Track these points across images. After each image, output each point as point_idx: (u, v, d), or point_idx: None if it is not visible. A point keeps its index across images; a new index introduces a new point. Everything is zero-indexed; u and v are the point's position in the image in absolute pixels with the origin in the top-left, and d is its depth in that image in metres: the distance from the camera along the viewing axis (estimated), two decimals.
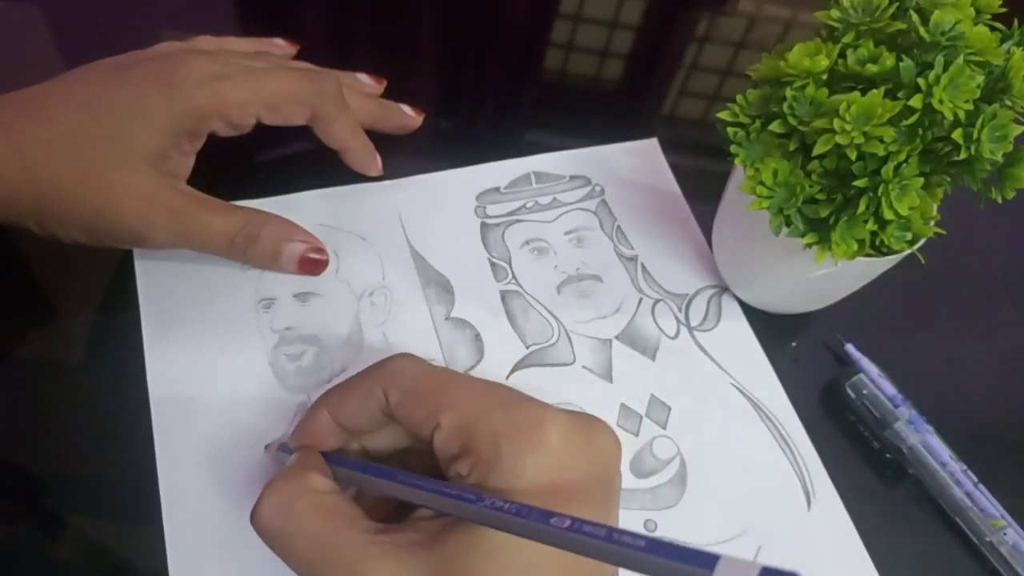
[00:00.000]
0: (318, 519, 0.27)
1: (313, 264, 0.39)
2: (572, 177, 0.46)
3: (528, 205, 0.45)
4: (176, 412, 0.36)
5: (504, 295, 0.41)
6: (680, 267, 0.43)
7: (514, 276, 0.42)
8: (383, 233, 0.43)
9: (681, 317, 0.42)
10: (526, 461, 0.25)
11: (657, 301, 0.42)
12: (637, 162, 0.48)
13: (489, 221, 0.44)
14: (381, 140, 0.43)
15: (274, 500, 0.27)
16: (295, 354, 0.38)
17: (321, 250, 0.40)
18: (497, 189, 0.45)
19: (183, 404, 0.36)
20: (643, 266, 0.43)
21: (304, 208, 0.42)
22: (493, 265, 0.42)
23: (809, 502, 0.37)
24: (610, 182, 0.46)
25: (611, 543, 0.20)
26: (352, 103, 0.41)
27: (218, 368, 0.37)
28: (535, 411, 0.27)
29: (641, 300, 0.42)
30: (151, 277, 0.39)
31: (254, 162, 0.45)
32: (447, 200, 0.44)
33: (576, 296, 0.42)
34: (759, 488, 0.37)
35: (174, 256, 0.39)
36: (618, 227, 0.45)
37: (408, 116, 0.46)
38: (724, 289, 0.43)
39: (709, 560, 0.17)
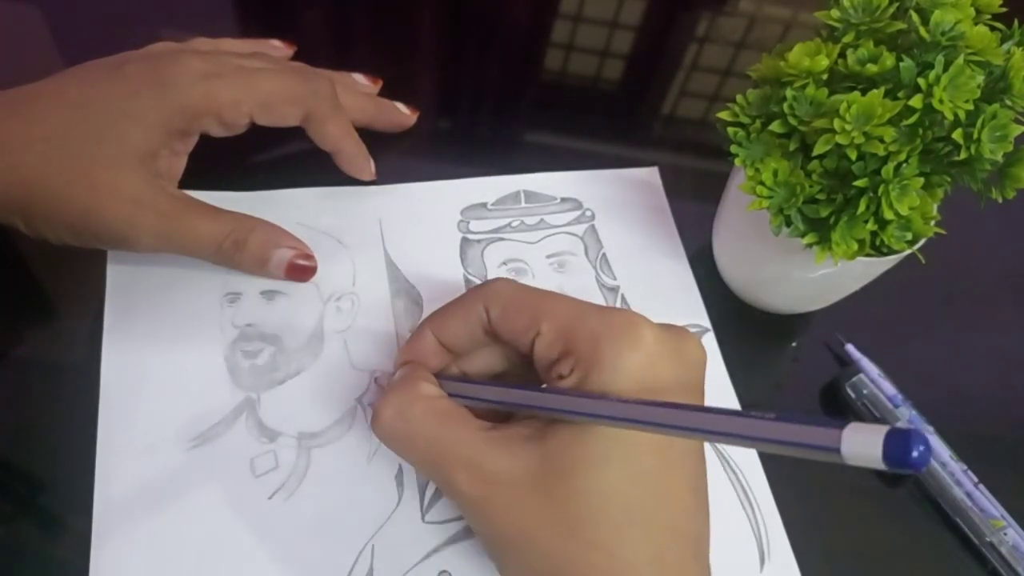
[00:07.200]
0: (434, 420, 0.29)
1: (301, 271, 0.39)
2: (563, 199, 0.45)
3: (513, 224, 0.43)
4: (122, 402, 0.35)
5: None
6: (662, 304, 0.41)
7: None
8: (360, 238, 0.41)
9: None
10: (625, 358, 0.27)
11: None
12: (634, 190, 0.46)
13: (471, 236, 0.43)
14: (374, 144, 0.43)
15: (391, 407, 0.30)
16: (252, 351, 0.37)
17: (310, 256, 0.39)
18: (484, 205, 0.44)
19: (130, 393, 0.35)
20: (623, 298, 0.41)
21: (284, 205, 0.41)
22: (468, 281, 0.41)
23: (763, 562, 0.35)
24: (602, 208, 0.44)
25: (745, 417, 0.21)
26: (347, 100, 0.41)
27: (172, 359, 0.36)
28: (628, 315, 0.28)
29: None
30: (120, 264, 0.38)
31: (241, 157, 0.44)
32: (430, 211, 0.43)
33: None
34: (712, 542, 0.31)
35: None
36: (603, 255, 0.43)
37: (403, 114, 0.46)
38: (706, 330, 0.41)
39: (838, 425, 0.18)
